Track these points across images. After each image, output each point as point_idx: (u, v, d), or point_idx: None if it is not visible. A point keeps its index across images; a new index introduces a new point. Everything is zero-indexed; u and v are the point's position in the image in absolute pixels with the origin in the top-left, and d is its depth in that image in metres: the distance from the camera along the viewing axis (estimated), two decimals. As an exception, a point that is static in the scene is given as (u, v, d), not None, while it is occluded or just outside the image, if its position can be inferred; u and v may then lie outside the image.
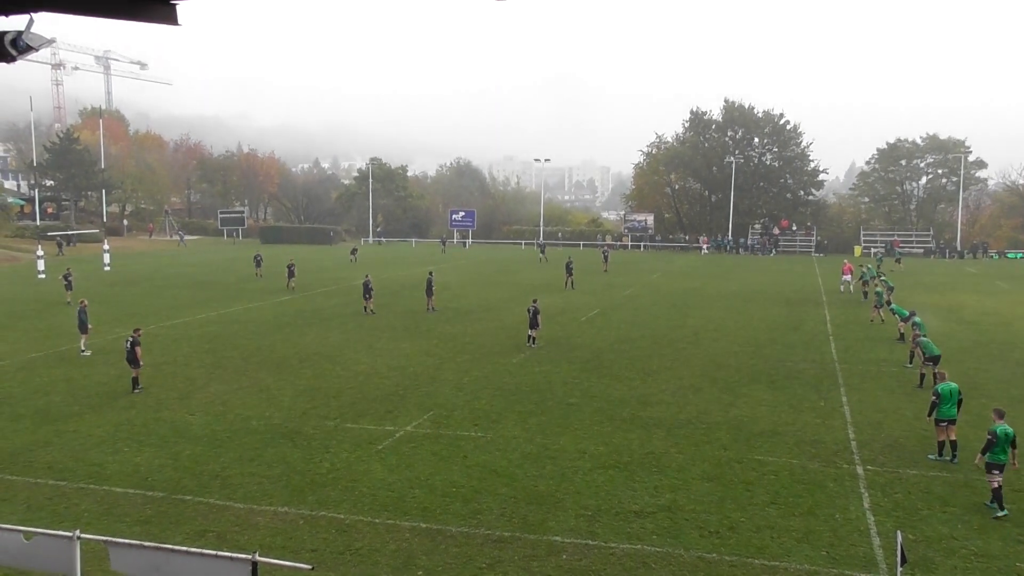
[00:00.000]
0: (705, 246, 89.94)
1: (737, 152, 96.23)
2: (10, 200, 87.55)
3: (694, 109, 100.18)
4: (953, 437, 16.98)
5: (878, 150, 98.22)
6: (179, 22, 8.58)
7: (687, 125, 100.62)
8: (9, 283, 52.40)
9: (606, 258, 63.61)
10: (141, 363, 23.20)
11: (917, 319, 26.88)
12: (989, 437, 14.30)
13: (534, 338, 29.87)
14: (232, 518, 14.36)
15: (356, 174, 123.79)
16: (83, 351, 28.13)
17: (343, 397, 22.51)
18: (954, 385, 17.12)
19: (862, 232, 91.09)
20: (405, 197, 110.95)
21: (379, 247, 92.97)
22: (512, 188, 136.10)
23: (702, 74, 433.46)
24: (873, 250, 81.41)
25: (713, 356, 28.38)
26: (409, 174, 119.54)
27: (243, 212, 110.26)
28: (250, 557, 11.07)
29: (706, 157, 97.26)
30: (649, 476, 16.32)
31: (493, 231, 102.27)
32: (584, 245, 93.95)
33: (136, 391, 22.90)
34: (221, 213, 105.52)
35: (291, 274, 47.51)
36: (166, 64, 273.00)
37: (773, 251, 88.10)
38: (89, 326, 28.58)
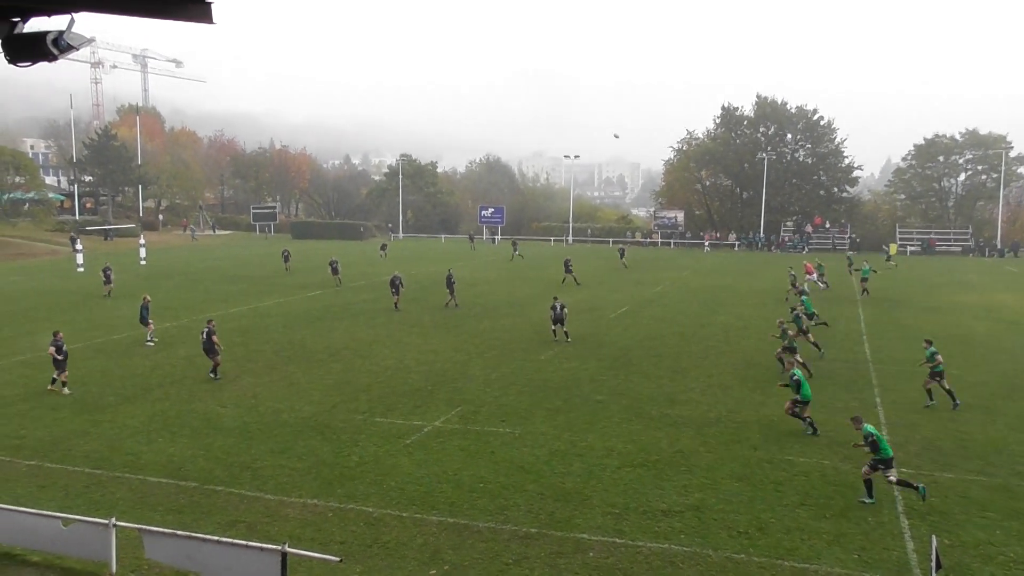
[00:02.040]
0: (707, 243, 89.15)
1: (769, 148, 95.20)
2: (51, 196, 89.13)
3: (725, 105, 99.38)
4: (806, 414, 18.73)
5: (915, 146, 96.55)
6: (214, 20, 8.71)
7: (718, 121, 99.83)
8: (50, 276, 53.45)
9: (622, 255, 63.75)
10: (219, 350, 24.14)
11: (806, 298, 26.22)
12: (871, 440, 14.90)
13: (567, 333, 29.84)
14: (262, 509, 14.55)
15: (386, 170, 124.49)
16: (148, 341, 29.15)
17: (372, 391, 22.68)
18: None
19: (898, 230, 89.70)
20: (435, 193, 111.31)
21: (409, 243, 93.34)
22: (541, 184, 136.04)
23: (734, 70, 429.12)
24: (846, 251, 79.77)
25: (743, 354, 28.17)
26: (439, 170, 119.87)
27: (275, 208, 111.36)
28: (280, 548, 11.23)
29: (737, 153, 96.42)
30: (677, 475, 16.25)
31: (522, 227, 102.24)
32: (613, 242, 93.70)
33: (216, 378, 23.75)
34: (253, 208, 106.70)
35: (335, 271, 47.69)
36: (201, 62, 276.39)
37: (806, 248, 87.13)
38: (150, 321, 29.63)
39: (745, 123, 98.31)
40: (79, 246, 59.56)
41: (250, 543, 11.65)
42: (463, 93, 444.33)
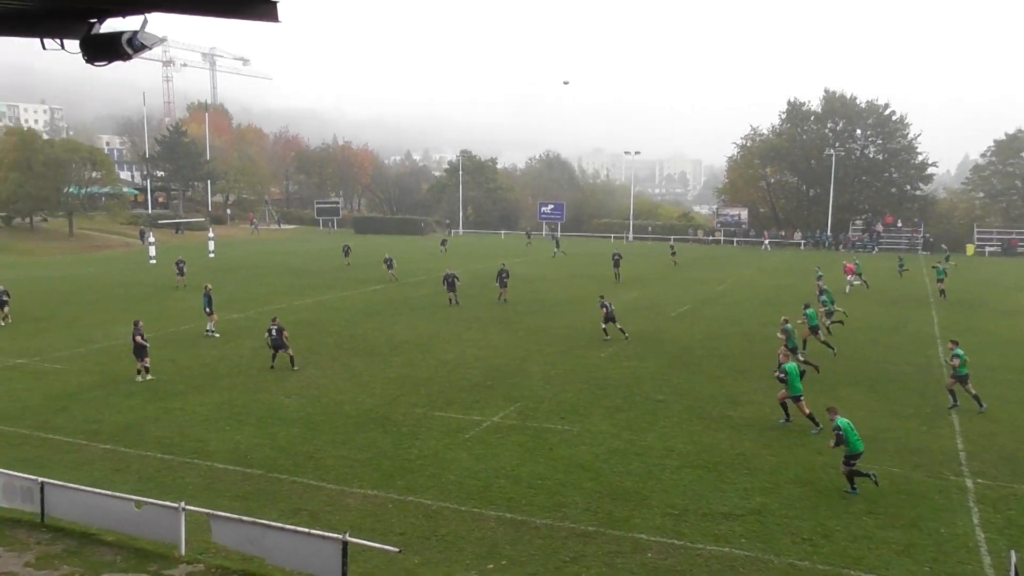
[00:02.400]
0: (767, 241, 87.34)
1: (837, 144, 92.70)
2: (125, 190, 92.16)
3: (791, 100, 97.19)
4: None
5: (995, 142, 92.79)
6: (279, 19, 8.88)
7: (784, 117, 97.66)
8: (124, 268, 55.31)
9: (673, 252, 63.60)
10: (288, 344, 24.58)
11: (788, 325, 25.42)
12: (838, 433, 15.33)
13: (622, 330, 29.66)
14: (324, 498, 14.82)
15: (447, 166, 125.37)
16: (209, 333, 29.76)
17: (432, 385, 22.88)
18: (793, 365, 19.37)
19: (976, 229, 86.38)
20: (495, 189, 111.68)
21: (469, 239, 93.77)
22: (601, 181, 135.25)
23: (802, 65, 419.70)
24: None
25: (809, 356, 27.55)
26: (499, 166, 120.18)
27: (338, 203, 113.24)
28: (341, 537, 11.42)
29: (804, 149, 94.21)
30: (739, 477, 16.00)
31: (582, 224, 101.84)
32: (675, 240, 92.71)
33: (295, 368, 24.40)
34: (317, 203, 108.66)
35: (389, 266, 48.27)
36: (267, 60, 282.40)
37: (875, 248, 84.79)
38: (213, 312, 30.28)
39: (812, 118, 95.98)
40: (152, 239, 61.45)
41: (312, 531, 11.87)
42: (522, 90, 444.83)
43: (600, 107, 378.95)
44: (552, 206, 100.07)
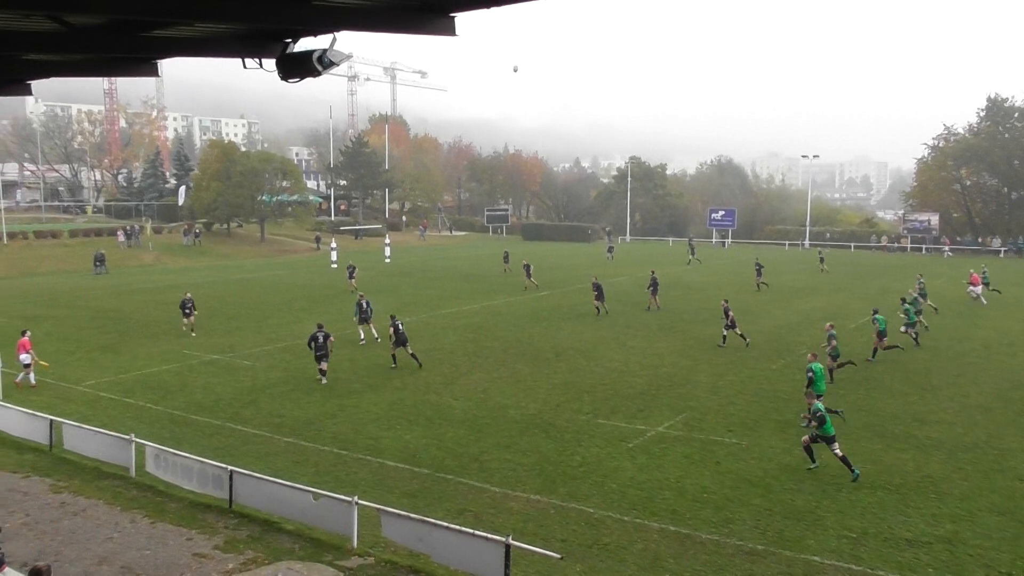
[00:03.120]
0: (947, 248, 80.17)
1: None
2: (311, 198, 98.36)
3: (991, 96, 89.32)
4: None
5: None
6: (456, 32, 9.19)
7: (982, 114, 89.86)
8: (308, 271, 59.06)
9: (822, 259, 60.83)
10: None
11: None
12: (819, 415, 16.15)
13: (742, 336, 29.55)
14: (488, 500, 15.09)
15: (615, 173, 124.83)
16: (362, 340, 30.45)
17: (596, 393, 22.81)
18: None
19: None
20: (663, 196, 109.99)
21: (637, 246, 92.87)
22: (776, 186, 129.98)
23: (1001, 61, 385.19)
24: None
25: (1008, 373, 25.23)
26: (668, 172, 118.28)
27: (507, 210, 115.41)
28: (504, 540, 11.58)
29: (1006, 149, 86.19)
30: (925, 502, 14.85)
31: (755, 231, 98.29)
32: (855, 247, 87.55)
33: (393, 367, 25.39)
34: (487, 211, 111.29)
35: (529, 270, 48.07)
36: (443, 72, 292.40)
37: (1089, 257, 76.30)
38: (358, 317, 30.67)
39: (1016, 115, 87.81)
40: (334, 244, 65.21)
41: (476, 532, 12.12)
42: (693, 95, 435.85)
43: (777, 111, 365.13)
44: (723, 212, 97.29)
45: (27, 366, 23.78)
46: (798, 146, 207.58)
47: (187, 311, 32.05)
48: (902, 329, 29.33)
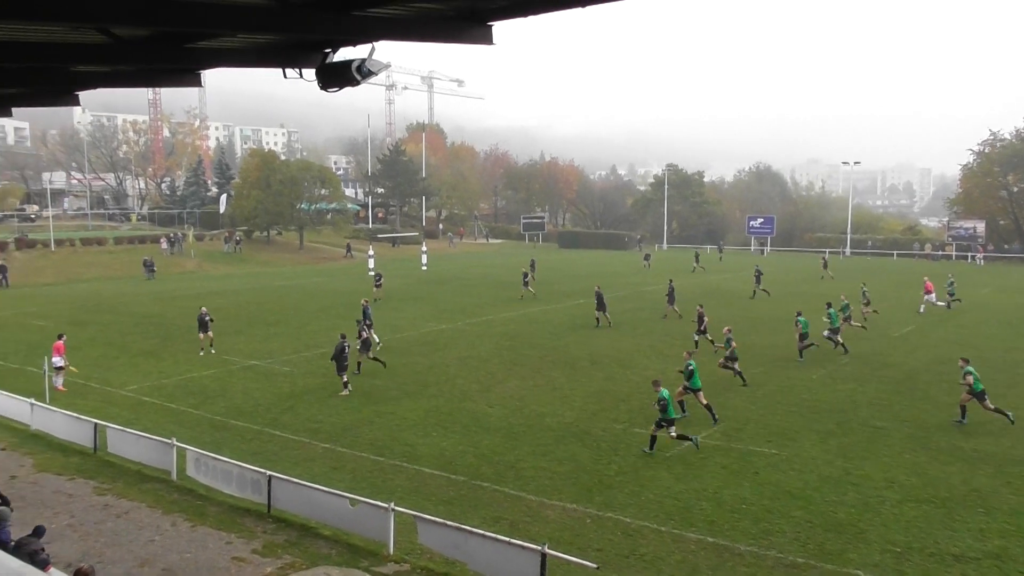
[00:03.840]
0: (980, 255, 78.41)
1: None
2: (349, 206, 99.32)
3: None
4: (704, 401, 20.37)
5: None
6: (494, 41, 9.21)
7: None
8: (346, 278, 59.56)
9: (825, 265, 60.59)
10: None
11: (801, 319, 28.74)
12: (663, 403, 17.87)
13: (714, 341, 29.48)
14: (524, 508, 15.06)
15: (652, 180, 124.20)
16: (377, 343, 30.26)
17: (632, 401, 22.66)
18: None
19: None
20: (701, 203, 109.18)
21: (674, 253, 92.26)
22: (816, 193, 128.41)
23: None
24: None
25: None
26: (706, 179, 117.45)
27: (543, 218, 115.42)
28: (540, 548, 11.54)
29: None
30: (972, 516, 14.49)
31: (794, 238, 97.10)
32: (898, 255, 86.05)
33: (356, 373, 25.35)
34: (523, 219, 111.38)
35: (526, 278, 47.17)
36: (481, 81, 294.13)
37: None
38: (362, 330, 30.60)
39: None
40: (371, 251, 65.74)
41: (512, 540, 12.09)
42: (733, 102, 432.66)
43: (816, 116, 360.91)
44: (762, 220, 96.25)
45: (59, 369, 24.24)
46: (839, 152, 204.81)
47: (205, 324, 29.85)
48: (824, 333, 29.90)
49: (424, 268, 65.59)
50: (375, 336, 30.52)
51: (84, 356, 28.23)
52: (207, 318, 29.97)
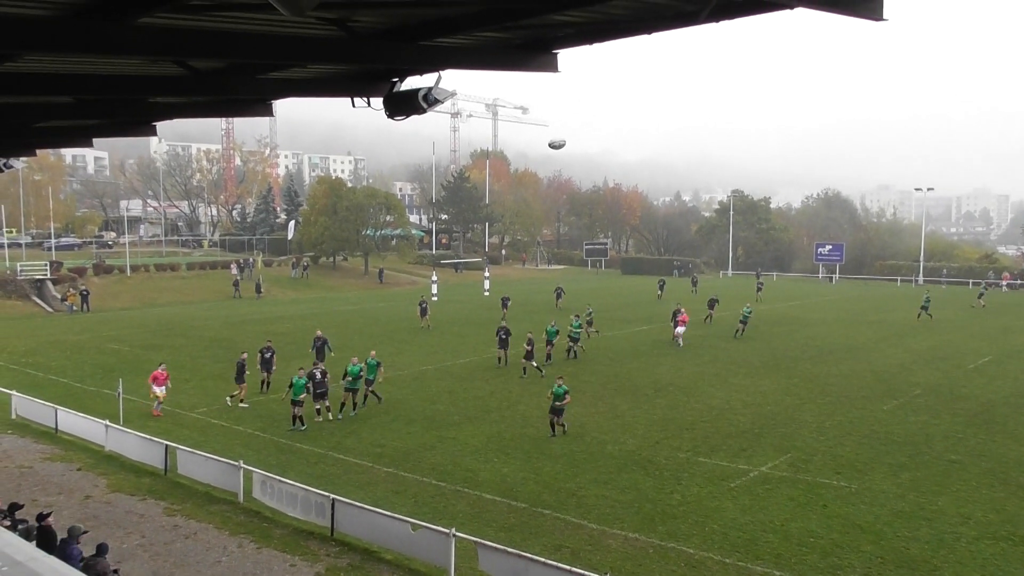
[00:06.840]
0: (1005, 283, 74.93)
1: None
2: (414, 232, 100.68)
3: None
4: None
5: None
6: (559, 69, 9.31)
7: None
8: (409, 303, 60.12)
9: (831, 278, 57.37)
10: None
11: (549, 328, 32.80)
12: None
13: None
14: (586, 537, 14.90)
15: (717, 206, 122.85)
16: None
17: (696, 430, 22.29)
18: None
19: None
20: (767, 230, 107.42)
21: (736, 280, 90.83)
22: (887, 220, 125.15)
23: None
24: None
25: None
26: (772, 206, 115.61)
27: (606, 244, 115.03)
28: (601, 578, 11.40)
29: None
30: (1055, 557, 13.81)
31: (864, 266, 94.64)
32: (973, 283, 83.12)
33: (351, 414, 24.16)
34: (586, 244, 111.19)
35: (505, 306, 47.24)
36: (545, 107, 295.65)
37: None
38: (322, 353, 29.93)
39: None
40: (435, 277, 66.37)
41: (574, 568, 11.97)
42: (798, 128, 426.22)
43: (889, 141, 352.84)
44: (830, 247, 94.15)
45: (158, 397, 24.50)
46: (911, 179, 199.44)
47: (266, 361, 27.88)
48: (568, 343, 33.70)
49: (486, 294, 65.85)
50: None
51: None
52: (269, 354, 28.13)
